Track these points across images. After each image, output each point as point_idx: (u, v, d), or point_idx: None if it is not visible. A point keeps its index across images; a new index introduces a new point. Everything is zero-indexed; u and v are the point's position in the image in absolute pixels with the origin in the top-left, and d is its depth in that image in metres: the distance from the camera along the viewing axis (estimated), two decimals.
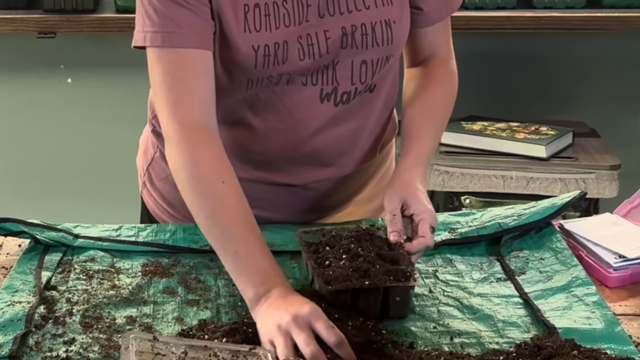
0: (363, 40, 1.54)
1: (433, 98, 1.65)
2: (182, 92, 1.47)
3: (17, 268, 1.51)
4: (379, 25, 1.54)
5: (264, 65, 1.50)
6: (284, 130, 1.58)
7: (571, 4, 2.98)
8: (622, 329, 1.36)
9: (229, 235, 1.41)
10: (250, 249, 1.39)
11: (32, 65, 3.17)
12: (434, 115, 1.63)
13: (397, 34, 1.56)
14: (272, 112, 1.57)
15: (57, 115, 3.22)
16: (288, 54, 1.50)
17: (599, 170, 2.81)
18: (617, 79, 3.24)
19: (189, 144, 1.45)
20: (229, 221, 1.41)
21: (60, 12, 2.90)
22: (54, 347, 1.31)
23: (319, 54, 1.52)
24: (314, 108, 1.57)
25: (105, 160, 3.27)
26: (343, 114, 1.60)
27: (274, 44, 1.49)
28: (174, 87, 1.47)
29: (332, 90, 1.56)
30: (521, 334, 1.36)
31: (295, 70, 1.53)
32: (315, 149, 1.61)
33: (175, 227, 1.65)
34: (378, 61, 1.57)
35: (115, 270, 1.52)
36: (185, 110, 1.47)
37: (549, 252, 1.59)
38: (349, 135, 1.63)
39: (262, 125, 1.58)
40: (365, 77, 1.57)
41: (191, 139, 1.46)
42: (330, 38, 1.52)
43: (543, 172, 2.82)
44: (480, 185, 2.80)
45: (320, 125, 1.59)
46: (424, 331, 1.37)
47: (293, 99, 1.56)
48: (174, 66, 1.47)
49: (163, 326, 1.37)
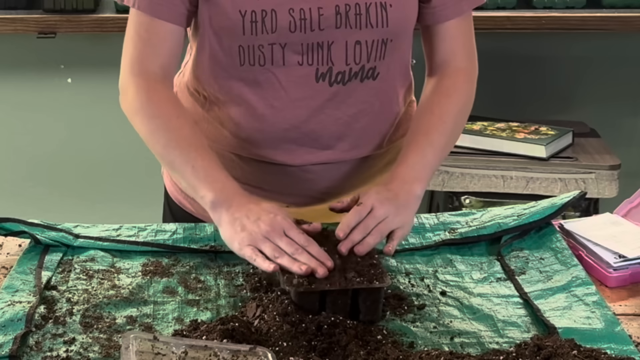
0: (357, 20, 1.57)
1: (434, 112, 1.65)
2: (146, 52, 1.61)
3: (17, 268, 1.51)
4: (374, 6, 1.57)
5: (252, 32, 1.56)
6: (281, 108, 1.63)
7: (571, 4, 2.98)
8: (622, 329, 1.36)
9: (186, 156, 1.53)
10: (208, 164, 1.52)
11: (32, 65, 3.17)
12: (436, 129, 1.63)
13: (394, 17, 1.58)
14: (269, 89, 1.61)
15: (57, 115, 3.22)
16: (277, 23, 1.55)
17: (599, 170, 2.81)
18: (617, 79, 3.24)
19: (145, 90, 1.59)
20: (184, 144, 1.55)
21: (60, 12, 2.90)
22: (54, 347, 1.31)
23: (310, 28, 1.56)
24: (309, 87, 1.61)
25: (105, 160, 3.27)
26: (341, 97, 1.63)
27: (262, 10, 1.55)
28: (140, 45, 1.61)
29: (327, 70, 1.60)
30: (521, 333, 1.36)
31: (287, 43, 1.57)
32: (313, 130, 1.64)
33: (175, 227, 1.65)
34: (373, 43, 1.59)
35: (115, 270, 1.52)
36: (145, 65, 1.60)
37: (549, 252, 1.59)
38: (348, 120, 1.65)
39: (260, 104, 1.63)
40: (360, 58, 1.60)
41: (148, 86, 1.60)
42: (323, 15, 1.56)
43: (543, 172, 2.82)
44: (480, 185, 2.80)
45: (317, 106, 1.63)
46: (424, 331, 1.37)
47: (289, 78, 1.60)
48: (143, 28, 1.60)
49: (163, 326, 1.37)
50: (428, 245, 1.61)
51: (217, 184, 1.50)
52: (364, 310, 1.37)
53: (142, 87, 1.60)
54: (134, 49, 1.61)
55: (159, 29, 1.59)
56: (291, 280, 1.36)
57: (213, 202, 1.48)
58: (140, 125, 1.59)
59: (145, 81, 1.60)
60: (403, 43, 1.65)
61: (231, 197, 1.48)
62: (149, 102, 1.59)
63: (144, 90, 1.59)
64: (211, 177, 1.51)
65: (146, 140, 1.59)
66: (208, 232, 1.63)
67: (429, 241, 1.62)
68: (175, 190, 1.81)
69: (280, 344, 1.28)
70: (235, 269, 1.53)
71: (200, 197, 1.51)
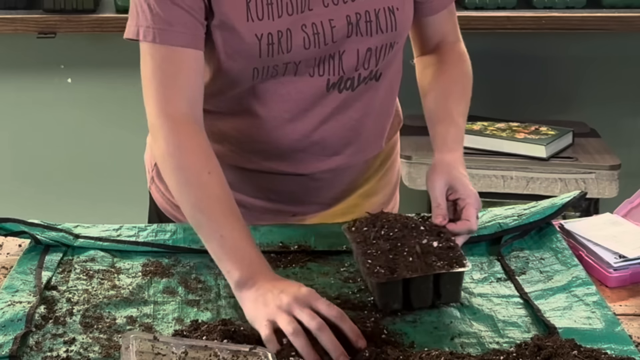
0: (367, 27, 1.56)
1: (452, 80, 1.69)
2: (171, 86, 1.50)
3: (18, 268, 1.51)
4: (383, 12, 1.57)
5: (269, 54, 1.52)
6: (290, 119, 1.60)
7: (571, 4, 2.98)
8: (622, 329, 1.36)
9: (214, 222, 1.44)
10: (237, 235, 1.42)
11: (32, 65, 3.17)
12: (458, 96, 1.67)
13: (401, 20, 1.59)
14: (278, 102, 1.59)
15: (57, 115, 3.22)
16: (292, 42, 1.52)
17: (599, 170, 2.81)
18: (617, 79, 3.24)
19: (176, 135, 1.49)
20: (214, 208, 1.45)
21: (60, 12, 2.90)
22: (54, 347, 1.31)
23: (324, 42, 1.54)
24: (320, 97, 1.60)
25: (106, 160, 3.27)
26: (348, 102, 1.62)
27: (277, 32, 1.51)
28: (164, 80, 1.51)
29: (339, 80, 1.59)
30: (521, 334, 1.36)
31: (302, 60, 1.55)
32: (322, 138, 1.63)
33: (175, 227, 1.65)
34: (382, 48, 1.59)
35: (115, 270, 1.52)
36: (173, 104, 1.50)
37: (549, 252, 1.59)
38: (354, 124, 1.65)
39: (268, 116, 1.60)
40: (369, 64, 1.59)
41: (178, 130, 1.49)
42: (335, 27, 1.54)
43: (543, 172, 2.82)
44: (480, 185, 2.80)
45: (326, 114, 1.61)
46: (424, 331, 1.37)
47: (300, 89, 1.58)
48: (165, 61, 1.51)
49: (163, 326, 1.37)
50: None
51: (244, 260, 1.40)
52: (444, 293, 1.40)
53: (173, 131, 1.49)
54: (159, 85, 1.51)
55: (182, 57, 1.50)
56: (373, 270, 1.38)
57: (238, 282, 1.38)
58: (170, 176, 1.50)
59: (175, 124, 1.50)
60: (403, 42, 1.66)
61: (257, 276, 1.38)
62: (180, 152, 1.49)
63: (174, 135, 1.49)
64: (239, 253, 1.41)
65: (174, 194, 1.50)
66: None
67: None
68: (168, 206, 1.77)
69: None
70: None
71: (226, 272, 1.41)
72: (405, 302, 1.40)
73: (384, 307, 1.40)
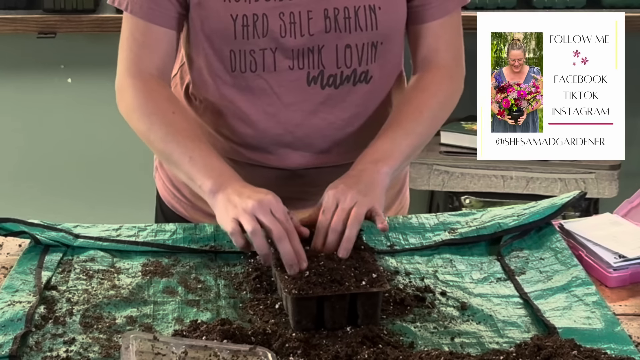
0: (346, 24, 1.58)
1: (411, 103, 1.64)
2: (142, 54, 1.62)
3: (17, 268, 1.51)
4: (362, 9, 1.58)
5: (243, 36, 1.57)
6: (274, 114, 1.64)
7: (571, 4, 2.98)
8: (622, 329, 1.36)
9: (183, 147, 1.54)
10: (205, 154, 1.54)
11: (32, 65, 3.17)
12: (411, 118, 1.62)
13: (383, 19, 1.59)
14: (261, 95, 1.63)
15: (57, 115, 3.22)
16: (268, 27, 1.56)
17: (599, 170, 2.81)
18: None
19: (142, 91, 1.61)
20: (181, 137, 1.56)
21: (60, 12, 2.90)
22: (54, 347, 1.31)
23: (300, 33, 1.57)
24: (301, 91, 1.62)
25: (106, 160, 3.27)
26: (334, 100, 1.63)
27: (253, 15, 1.56)
28: (135, 48, 1.63)
29: (319, 74, 1.61)
30: (521, 334, 1.36)
31: (277, 47, 1.57)
32: (307, 134, 1.65)
33: (175, 227, 1.65)
34: (363, 46, 1.60)
35: (115, 270, 1.52)
36: (141, 67, 1.62)
37: (549, 252, 1.59)
38: (342, 124, 1.66)
39: (252, 110, 1.64)
40: (351, 62, 1.60)
41: (145, 85, 1.61)
42: (312, 19, 1.57)
43: (543, 172, 2.82)
44: (480, 185, 2.80)
45: (310, 110, 1.63)
46: (424, 331, 1.37)
47: (281, 83, 1.61)
48: (137, 31, 1.62)
49: (163, 326, 1.37)
50: (428, 246, 1.61)
51: (214, 171, 1.51)
52: (362, 314, 1.35)
53: (139, 88, 1.61)
54: (130, 51, 1.63)
55: (153, 32, 1.61)
56: (288, 286, 1.35)
57: (211, 190, 1.49)
58: (138, 122, 1.60)
59: (142, 82, 1.62)
60: (394, 45, 1.65)
61: (227, 183, 1.49)
62: (146, 101, 1.60)
63: (141, 90, 1.61)
64: (209, 166, 1.52)
65: (143, 137, 1.60)
66: (208, 232, 1.63)
67: (429, 241, 1.62)
68: (167, 194, 1.81)
69: (281, 344, 1.28)
70: (235, 269, 1.53)
71: (198, 187, 1.52)
72: (318, 322, 1.34)
73: (295, 325, 1.33)
